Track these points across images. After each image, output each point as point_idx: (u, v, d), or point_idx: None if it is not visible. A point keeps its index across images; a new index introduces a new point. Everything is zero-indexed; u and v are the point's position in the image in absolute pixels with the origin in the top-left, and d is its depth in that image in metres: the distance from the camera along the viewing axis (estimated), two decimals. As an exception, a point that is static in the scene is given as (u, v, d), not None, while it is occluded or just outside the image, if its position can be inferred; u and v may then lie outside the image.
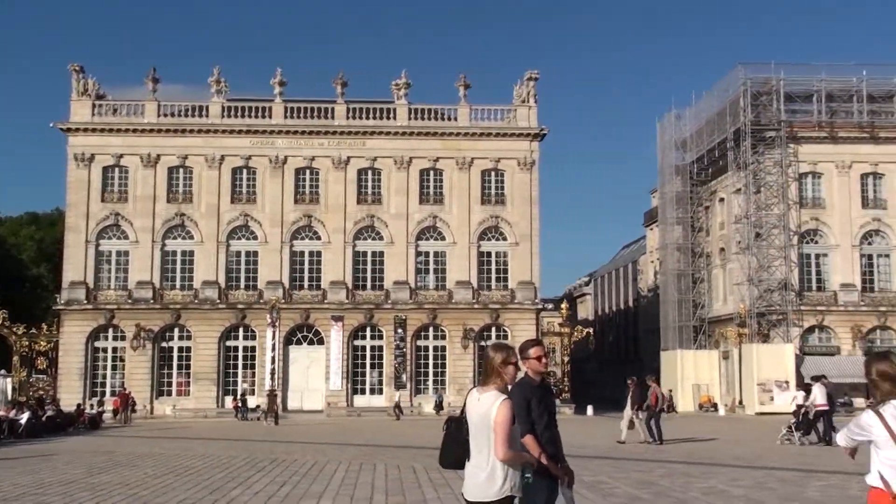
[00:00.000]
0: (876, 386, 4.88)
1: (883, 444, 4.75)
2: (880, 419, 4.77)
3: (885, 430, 4.73)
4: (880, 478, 4.75)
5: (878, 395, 4.87)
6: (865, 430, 4.85)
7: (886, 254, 53.30)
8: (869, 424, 4.82)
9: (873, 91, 53.11)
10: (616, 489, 14.25)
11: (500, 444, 5.59)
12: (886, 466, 4.73)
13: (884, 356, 5.03)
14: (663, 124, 61.88)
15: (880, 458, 4.77)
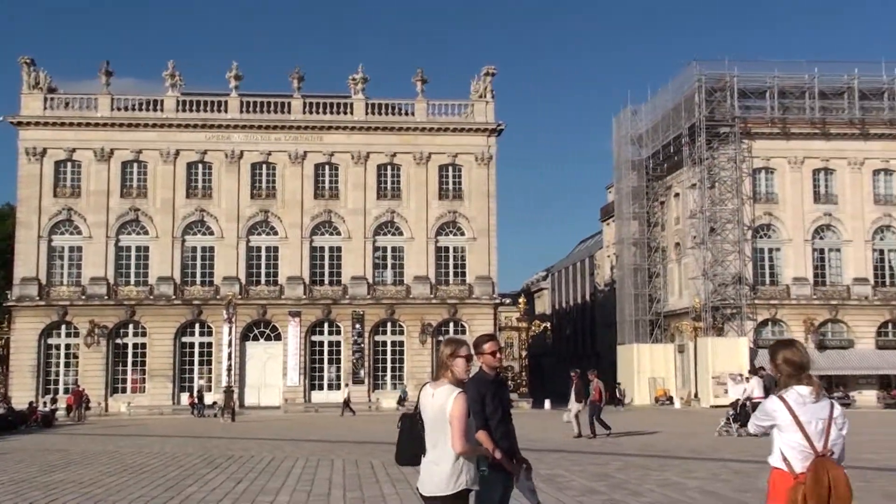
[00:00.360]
0: (780, 372, 5.12)
1: (786, 428, 4.98)
2: (784, 404, 5.00)
3: (788, 415, 4.96)
4: (783, 459, 4.98)
5: (782, 380, 5.11)
6: (771, 415, 5.07)
7: (837, 248, 54.30)
8: (774, 410, 5.04)
9: (825, 88, 54.06)
10: (572, 482, 14.34)
11: (458, 438, 5.59)
12: (789, 448, 4.96)
13: (789, 343, 5.24)
14: (619, 120, 62.46)
15: (784, 441, 5.00)
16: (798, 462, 4.92)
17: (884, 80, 54.14)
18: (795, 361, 5.09)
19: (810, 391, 5.04)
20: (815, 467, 4.86)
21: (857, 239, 53.79)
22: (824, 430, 4.97)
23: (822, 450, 4.93)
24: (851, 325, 53.39)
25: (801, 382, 5.07)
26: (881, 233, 54.45)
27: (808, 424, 4.95)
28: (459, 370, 5.95)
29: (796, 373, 5.08)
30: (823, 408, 5.04)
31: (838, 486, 4.82)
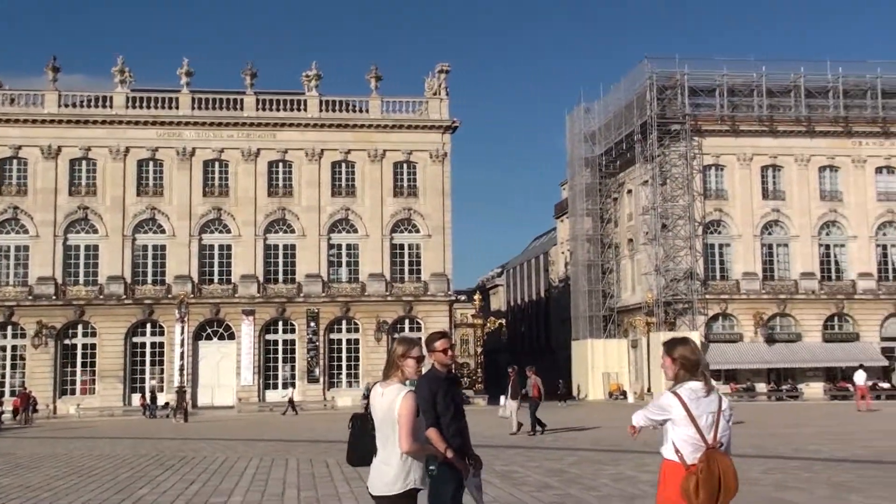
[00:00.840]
0: (675, 367, 5.31)
1: (680, 423, 5.17)
2: (679, 399, 5.20)
3: (682, 410, 5.16)
4: (675, 451, 5.18)
5: (677, 377, 5.32)
6: (666, 409, 5.26)
7: (785, 243, 55.25)
8: (669, 405, 5.24)
9: (772, 86, 54.92)
10: (528, 478, 14.43)
11: (405, 437, 5.59)
12: (682, 441, 5.16)
13: (685, 341, 5.43)
14: (572, 117, 62.87)
15: (677, 434, 5.19)
16: (690, 454, 5.13)
17: (829, 78, 55.16)
18: (691, 358, 5.30)
19: (702, 386, 5.25)
20: (707, 459, 5.07)
21: (803, 234, 54.78)
22: (714, 424, 5.18)
23: (713, 442, 5.14)
24: (799, 319, 54.37)
25: (695, 378, 5.27)
26: (827, 228, 55.52)
27: (699, 418, 5.15)
28: (410, 371, 5.95)
29: (691, 369, 5.28)
30: (713, 402, 5.24)
31: (727, 477, 5.07)
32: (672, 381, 5.36)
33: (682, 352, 5.32)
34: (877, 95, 55.10)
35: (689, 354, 5.31)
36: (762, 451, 19.19)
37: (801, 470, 15.16)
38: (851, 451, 18.72)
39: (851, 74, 55.51)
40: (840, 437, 23.23)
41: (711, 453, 5.10)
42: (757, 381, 53.84)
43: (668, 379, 5.42)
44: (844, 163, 55.47)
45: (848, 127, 55.27)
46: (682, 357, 5.31)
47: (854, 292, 54.63)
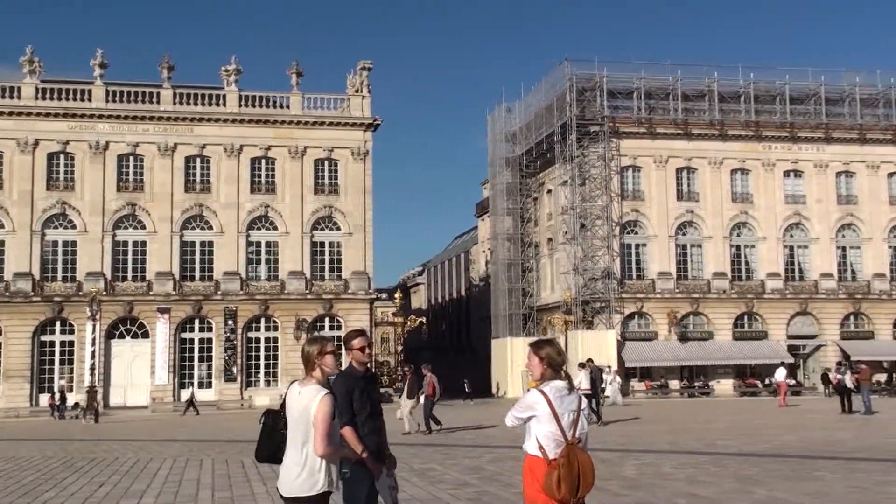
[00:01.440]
0: (545, 366, 5.55)
1: (544, 419, 5.43)
2: (545, 397, 5.45)
3: (547, 407, 5.41)
4: (539, 447, 5.42)
5: (543, 375, 5.56)
6: (532, 406, 5.50)
7: (699, 244, 56.68)
8: (535, 402, 5.48)
9: (687, 90, 56.31)
10: (446, 476, 14.47)
11: (320, 440, 5.54)
12: (545, 438, 5.42)
13: (551, 342, 5.73)
14: (494, 117, 63.33)
15: (541, 431, 5.43)
16: (552, 450, 5.37)
17: (740, 84, 56.81)
18: (556, 359, 5.56)
19: (565, 385, 5.51)
20: (568, 454, 5.32)
21: (716, 235, 56.30)
22: (574, 421, 5.45)
23: (573, 438, 5.40)
24: (711, 318, 55.86)
25: (558, 377, 5.53)
26: (738, 229, 57.16)
27: (562, 416, 5.41)
28: (329, 367, 5.91)
29: (556, 368, 5.54)
30: (574, 400, 5.51)
31: (585, 471, 5.34)
32: (538, 379, 5.58)
33: (549, 352, 5.57)
34: (785, 101, 56.99)
35: (555, 355, 5.57)
36: (675, 446, 19.66)
37: (710, 464, 15.57)
38: (758, 446, 19.31)
39: (762, 80, 57.27)
40: (748, 432, 23.93)
41: (572, 449, 5.34)
42: (670, 379, 55.13)
43: (534, 378, 5.63)
44: (755, 166, 57.20)
45: (758, 131, 57.02)
46: (548, 357, 5.55)
47: (763, 292, 56.39)
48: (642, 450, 18.70)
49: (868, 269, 57.95)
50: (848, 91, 57.93)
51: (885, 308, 57.59)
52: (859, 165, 58.36)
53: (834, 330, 56.78)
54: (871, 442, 20.18)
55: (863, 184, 58.36)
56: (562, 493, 5.28)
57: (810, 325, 57.08)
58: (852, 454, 17.13)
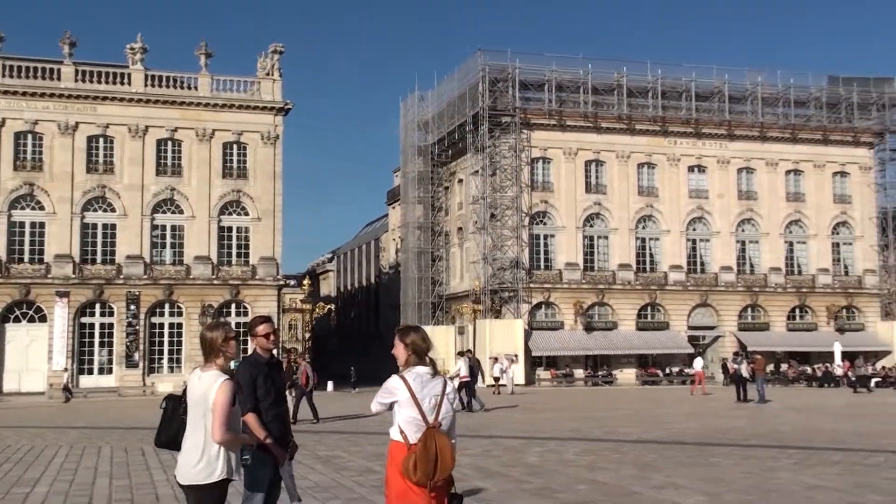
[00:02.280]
0: (407, 352, 5.63)
1: (405, 404, 5.50)
2: (404, 383, 5.53)
3: (407, 392, 5.48)
4: (400, 432, 5.49)
5: (407, 362, 5.63)
6: (392, 392, 5.57)
7: (605, 235, 57.79)
8: (395, 387, 5.55)
9: (597, 84, 57.22)
10: (351, 463, 14.45)
11: (218, 427, 5.45)
12: (406, 423, 5.48)
13: (416, 329, 5.79)
14: (406, 105, 63.23)
15: (402, 416, 5.50)
16: (413, 434, 5.44)
17: (648, 79, 58.04)
18: (420, 345, 5.63)
19: (428, 371, 5.59)
20: (425, 437, 5.38)
21: (622, 227, 57.49)
22: (437, 406, 5.50)
23: (433, 422, 5.45)
24: (616, 308, 57.08)
25: (422, 363, 5.60)
26: (643, 222, 58.50)
27: (423, 401, 5.47)
28: (233, 351, 5.85)
29: (420, 355, 5.61)
30: (437, 386, 5.56)
31: (443, 454, 5.37)
32: (403, 365, 5.63)
33: (414, 338, 5.64)
34: (691, 98, 58.49)
35: (420, 341, 5.63)
36: (578, 433, 20.05)
37: (611, 451, 15.94)
38: (657, 434, 19.86)
39: (669, 77, 58.62)
40: (648, 420, 24.59)
41: (430, 432, 5.39)
42: (575, 368, 56.16)
43: (399, 364, 5.68)
44: (661, 160, 58.59)
45: (665, 127, 58.41)
46: (413, 343, 5.62)
47: (666, 283, 57.89)
48: (546, 437, 19.01)
49: (765, 263, 60.08)
50: (750, 90, 59.82)
51: (779, 301, 59.85)
52: (759, 162, 60.38)
53: (732, 321, 58.73)
54: (764, 429, 20.99)
55: (762, 180, 60.43)
56: (417, 477, 5.31)
57: (710, 317, 58.90)
58: (746, 441, 17.79)
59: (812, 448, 16.36)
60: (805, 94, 61.01)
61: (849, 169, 61.96)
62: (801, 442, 17.59)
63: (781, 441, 17.75)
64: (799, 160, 60.96)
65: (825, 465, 13.87)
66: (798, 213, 60.88)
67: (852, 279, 61.47)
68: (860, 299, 61.31)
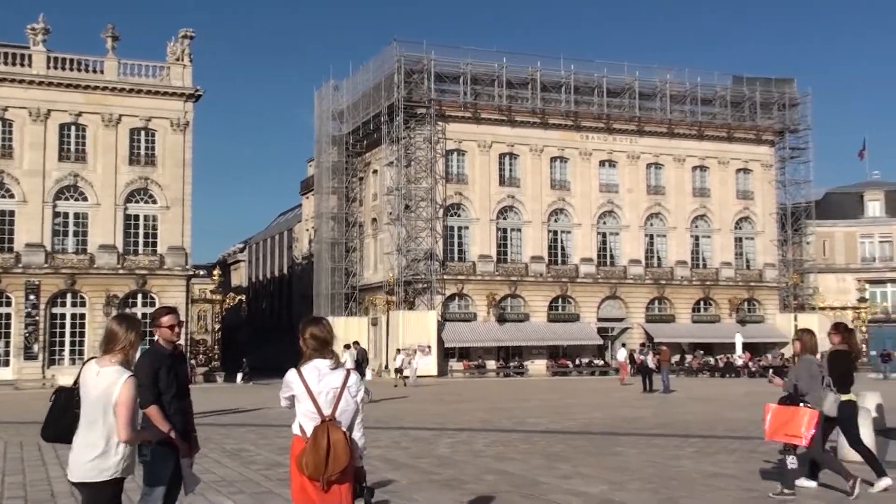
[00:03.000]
0: (306, 345, 5.57)
1: (302, 398, 5.44)
2: (300, 376, 5.47)
3: (302, 386, 5.42)
4: (299, 426, 5.45)
5: (307, 353, 5.55)
6: (290, 386, 5.51)
7: (518, 228, 58.37)
8: (291, 381, 5.49)
9: (512, 78, 57.68)
10: (258, 456, 14.25)
11: (124, 426, 5.29)
12: (303, 416, 5.43)
13: (316, 321, 5.72)
14: (321, 94, 62.62)
15: (300, 409, 5.46)
16: (310, 428, 5.35)
17: (562, 74, 58.77)
18: (320, 337, 5.53)
19: (328, 363, 5.48)
20: (317, 431, 5.30)
21: (535, 220, 58.15)
22: (335, 399, 5.40)
23: (329, 416, 5.36)
24: (528, 300, 57.74)
25: (323, 356, 5.50)
26: (556, 215, 59.29)
27: (319, 394, 5.38)
28: (137, 349, 5.73)
29: (320, 347, 5.51)
30: (337, 378, 5.46)
31: (336, 448, 5.27)
32: (303, 358, 5.55)
33: (314, 331, 5.53)
34: (603, 93, 59.46)
35: (319, 332, 5.53)
36: (488, 424, 20.21)
37: (520, 441, 16.11)
38: (565, 424, 20.17)
39: (581, 72, 59.48)
40: (557, 410, 24.95)
41: (323, 426, 5.30)
42: (488, 359, 56.61)
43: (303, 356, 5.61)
44: (573, 155, 59.43)
45: (577, 121, 59.23)
46: (312, 335, 5.52)
47: (576, 276, 58.81)
48: (457, 428, 19.10)
49: (672, 257, 61.61)
50: (659, 87, 61.16)
51: (685, 293, 61.48)
52: (668, 158, 61.82)
53: (640, 313, 60.07)
54: (668, 419, 21.53)
55: (670, 176, 61.90)
56: (309, 471, 5.25)
57: (619, 309, 60.11)
58: (651, 430, 18.21)
59: (713, 437, 16.85)
60: (711, 93, 62.70)
61: (751, 166, 63.98)
62: (702, 431, 18.10)
63: (684, 430, 18.23)
64: (705, 156, 62.65)
65: (725, 452, 14.30)
66: (703, 208, 62.60)
67: (753, 273, 63.54)
68: (760, 292, 63.44)
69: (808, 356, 10.41)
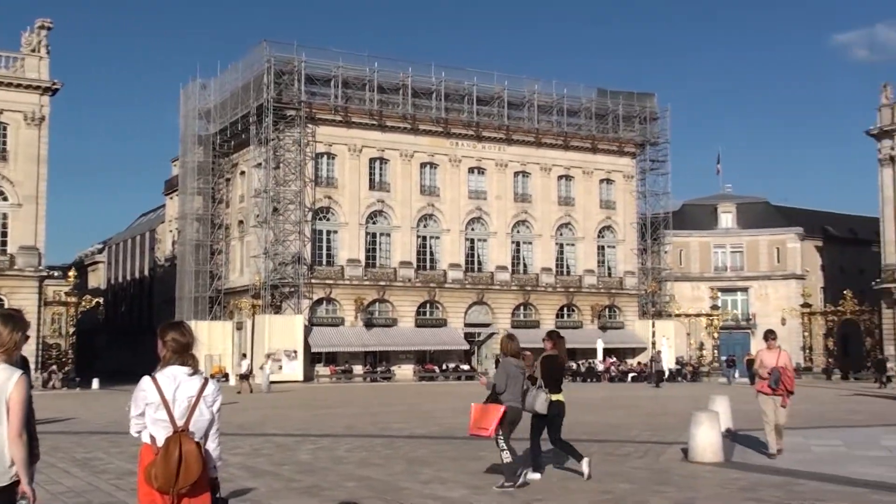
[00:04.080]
0: (166, 349, 5.34)
1: (155, 406, 5.21)
2: (154, 383, 5.23)
3: (157, 393, 5.19)
4: (150, 435, 5.20)
5: (165, 360, 5.34)
6: (142, 393, 5.25)
7: (388, 233, 58.41)
8: (144, 389, 5.24)
9: (383, 82, 57.71)
10: (110, 465, 13.71)
11: (18, 426, 4.88)
12: (155, 425, 5.20)
13: (177, 325, 5.49)
14: (187, 92, 61.02)
15: (152, 418, 5.21)
16: (162, 437, 5.13)
17: (433, 81, 59.26)
18: (181, 342, 5.31)
19: (186, 370, 5.27)
20: (168, 442, 5.07)
21: (404, 225, 58.34)
22: (190, 408, 5.18)
23: (183, 425, 5.14)
24: (396, 305, 57.83)
25: (182, 362, 5.29)
26: (425, 220, 59.66)
27: (174, 402, 5.15)
28: (20, 350, 5.31)
29: (179, 352, 5.29)
30: (194, 386, 5.24)
31: (189, 460, 5.03)
32: (161, 364, 5.32)
33: (173, 335, 5.30)
34: (473, 101, 60.28)
35: (179, 337, 5.31)
36: (352, 430, 20.09)
37: (383, 447, 16.08)
38: (429, 429, 20.28)
39: (452, 80, 60.13)
40: (421, 415, 25.07)
41: (175, 436, 5.08)
42: (355, 364, 56.37)
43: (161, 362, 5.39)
44: (443, 161, 59.97)
45: (447, 128, 59.82)
46: (172, 340, 5.29)
47: (445, 281, 59.34)
48: (320, 434, 18.92)
49: (538, 264, 63.00)
50: (528, 97, 62.48)
51: (550, 299, 62.98)
52: (535, 167, 63.21)
53: (506, 319, 61.10)
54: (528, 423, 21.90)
55: (536, 184, 63.30)
56: (158, 483, 4.99)
57: (486, 314, 60.98)
58: (513, 434, 18.49)
59: (571, 440, 17.23)
60: (577, 105, 64.52)
61: (614, 177, 66.19)
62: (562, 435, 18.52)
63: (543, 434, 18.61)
64: (570, 166, 64.39)
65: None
66: (568, 217, 64.30)
67: (614, 280, 65.71)
68: (621, 299, 65.67)
69: (508, 359, 11.53)
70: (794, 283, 70.32)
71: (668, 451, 15.02)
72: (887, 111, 59.57)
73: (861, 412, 26.38)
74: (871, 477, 11.99)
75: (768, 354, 13.74)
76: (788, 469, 12.66)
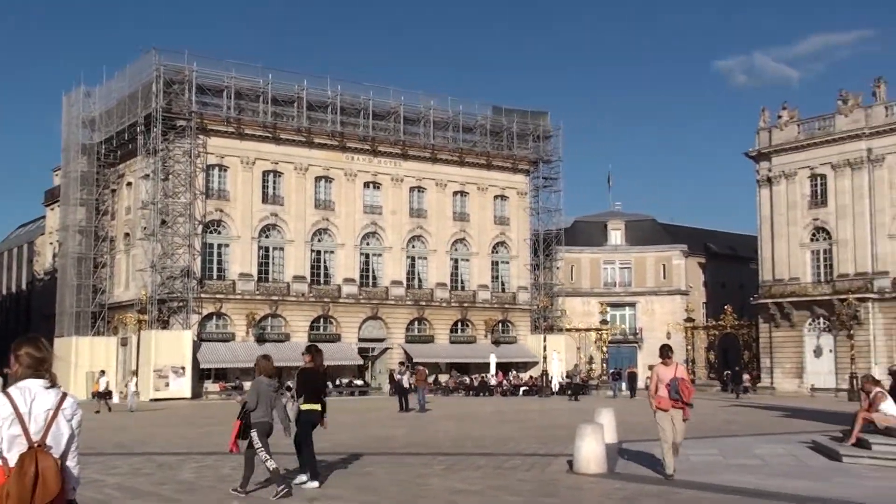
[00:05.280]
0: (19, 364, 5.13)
1: (8, 422, 4.96)
2: (8, 399, 5.01)
3: (10, 409, 4.95)
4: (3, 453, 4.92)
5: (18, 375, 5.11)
6: None
7: (281, 247, 57.55)
8: None
9: (277, 94, 56.98)
10: None
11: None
12: (9, 442, 4.93)
13: (31, 340, 5.28)
14: (70, 99, 58.95)
15: (6, 435, 4.93)
16: (16, 454, 4.88)
17: (329, 94, 58.87)
18: (36, 355, 5.12)
19: (42, 383, 5.07)
20: (23, 459, 4.83)
21: (298, 239, 57.62)
22: (48, 423, 4.97)
23: (39, 441, 4.91)
24: (289, 320, 56.98)
25: (37, 376, 5.08)
26: (319, 235, 59.05)
27: (29, 416, 4.94)
28: None
29: (35, 366, 5.10)
30: (50, 399, 5.03)
31: (46, 477, 4.80)
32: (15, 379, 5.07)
33: (28, 349, 5.10)
34: (369, 115, 60.14)
35: (34, 352, 5.11)
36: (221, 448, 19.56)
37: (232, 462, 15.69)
38: (317, 445, 19.90)
39: (348, 93, 59.87)
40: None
41: (30, 453, 4.82)
42: (245, 380, 55.14)
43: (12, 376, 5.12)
44: (338, 175, 59.56)
45: (343, 142, 59.47)
46: (26, 354, 5.08)
47: (339, 296, 58.83)
48: (205, 452, 18.40)
49: (432, 279, 63.16)
50: (423, 113, 62.74)
51: (444, 314, 63.20)
52: (430, 182, 63.45)
53: (400, 334, 61.00)
54: (421, 437, 21.92)
55: (432, 199, 63.54)
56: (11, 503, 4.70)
57: (380, 329, 60.71)
58: (403, 449, 18.46)
59: (461, 454, 17.31)
60: (472, 121, 65.18)
61: (508, 193, 67.05)
62: (452, 448, 18.56)
63: (435, 448, 18.61)
64: (465, 182, 64.93)
65: (470, 469, 14.71)
66: (463, 232, 64.76)
67: (508, 295, 66.46)
68: (514, 314, 66.46)
69: (261, 378, 12.37)
70: (679, 298, 72.69)
71: (555, 463, 15.20)
72: (765, 134, 62.39)
73: (737, 422, 27.39)
74: (742, 484, 12.44)
75: (665, 369, 13.88)
76: (669, 479, 12.97)
